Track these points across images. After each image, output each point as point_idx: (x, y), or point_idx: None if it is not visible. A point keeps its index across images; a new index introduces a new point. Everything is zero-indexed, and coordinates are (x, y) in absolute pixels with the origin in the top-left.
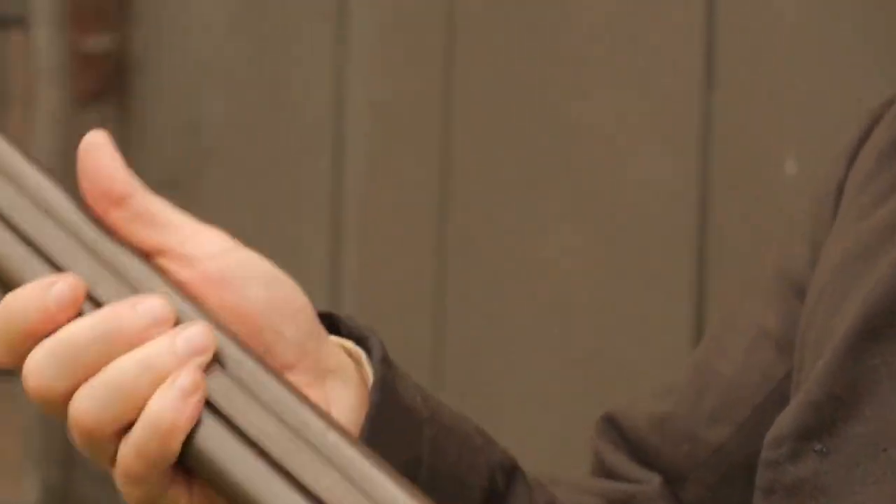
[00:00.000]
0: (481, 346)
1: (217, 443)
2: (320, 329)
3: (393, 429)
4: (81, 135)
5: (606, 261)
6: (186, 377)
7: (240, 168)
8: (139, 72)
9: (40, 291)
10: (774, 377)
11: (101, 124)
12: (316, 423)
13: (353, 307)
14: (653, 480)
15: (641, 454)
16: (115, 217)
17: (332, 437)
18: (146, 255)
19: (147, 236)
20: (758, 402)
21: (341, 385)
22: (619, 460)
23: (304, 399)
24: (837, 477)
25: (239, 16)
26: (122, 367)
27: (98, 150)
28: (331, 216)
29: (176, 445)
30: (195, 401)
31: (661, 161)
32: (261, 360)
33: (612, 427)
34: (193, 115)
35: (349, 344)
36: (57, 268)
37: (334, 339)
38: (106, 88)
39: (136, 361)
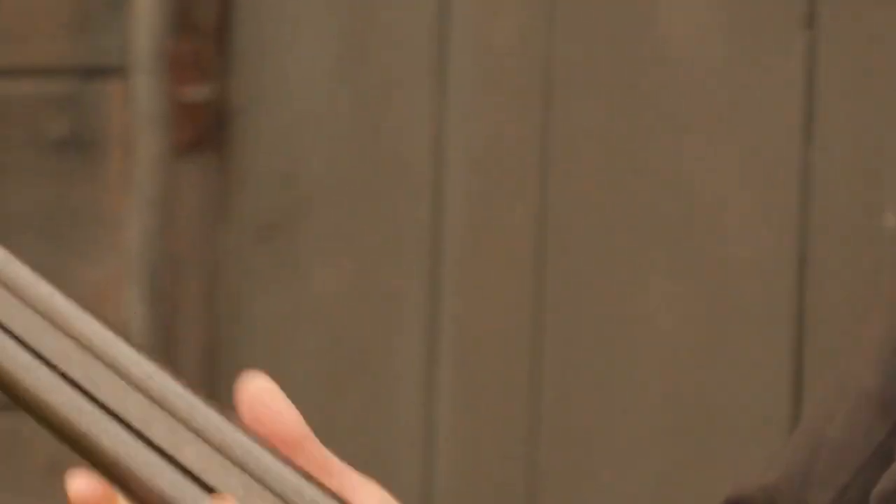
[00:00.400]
0: (579, 399)
1: None
2: None
3: None
4: (180, 183)
5: (706, 315)
6: None
7: (338, 216)
8: (238, 120)
9: None
10: (875, 440)
11: (200, 173)
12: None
13: (450, 357)
14: None
15: None
16: (301, 458)
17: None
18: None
19: (326, 482)
20: (859, 464)
21: None
22: None
23: None
24: None
25: (339, 65)
26: None
27: (269, 393)
28: (429, 266)
29: None
30: None
31: (761, 216)
32: None
33: None
34: (292, 165)
35: None
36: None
37: None
38: (205, 137)
39: None
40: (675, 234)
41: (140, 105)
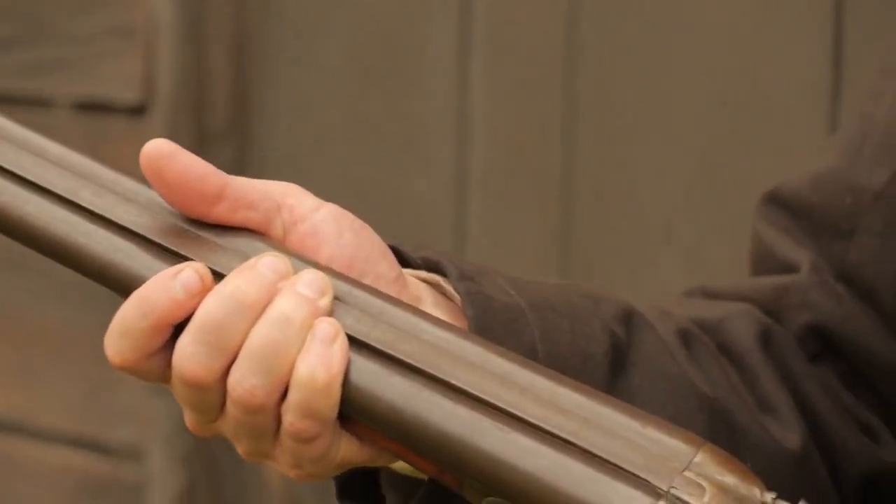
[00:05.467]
0: (616, 80)
1: (370, 374)
2: (399, 266)
3: (498, 332)
4: None
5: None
6: (323, 325)
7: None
8: None
9: (167, 282)
10: None
11: None
12: (437, 331)
13: (484, 43)
14: (803, 266)
15: (804, 219)
16: (219, 212)
17: (457, 340)
18: (250, 232)
19: (248, 217)
20: None
21: (433, 310)
22: (775, 238)
23: (420, 312)
24: None
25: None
26: (265, 333)
27: (174, 157)
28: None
29: (336, 393)
30: (340, 346)
31: None
32: (370, 288)
33: (772, 201)
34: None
35: (423, 273)
36: (171, 257)
37: (406, 271)
38: None
39: (275, 321)
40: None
41: None
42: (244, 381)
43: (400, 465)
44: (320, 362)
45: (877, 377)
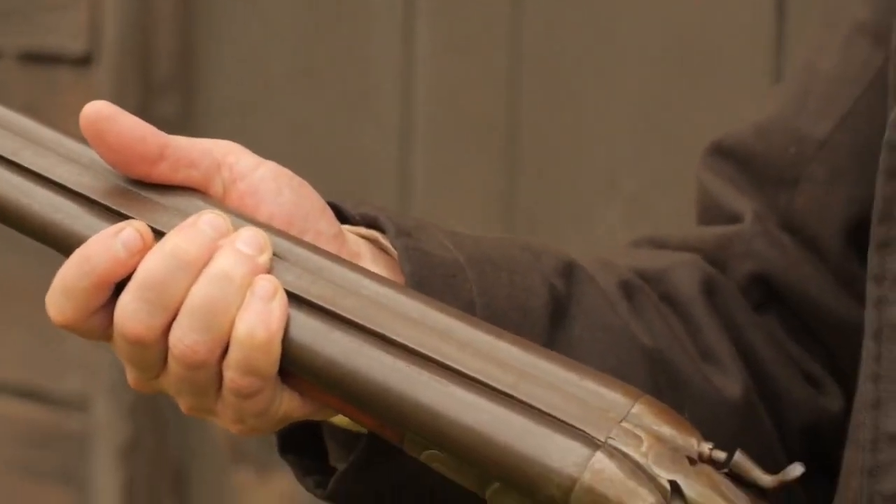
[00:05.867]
0: (562, 25)
1: (310, 330)
2: (338, 222)
3: (436, 287)
4: None
5: None
6: (262, 282)
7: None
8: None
9: (108, 240)
10: (873, 66)
11: None
12: (376, 286)
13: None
14: (746, 215)
15: (749, 169)
16: (160, 171)
17: (396, 296)
18: (191, 191)
19: (188, 176)
20: (858, 93)
21: (372, 266)
22: (720, 188)
23: (359, 268)
24: None
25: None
26: (205, 290)
27: (114, 119)
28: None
29: (276, 350)
30: (279, 302)
31: None
32: (310, 244)
33: (716, 151)
34: None
35: (362, 230)
36: (113, 217)
37: (346, 227)
38: None
39: (214, 278)
40: None
41: None
42: (185, 338)
43: (340, 420)
44: (259, 319)
45: (820, 326)
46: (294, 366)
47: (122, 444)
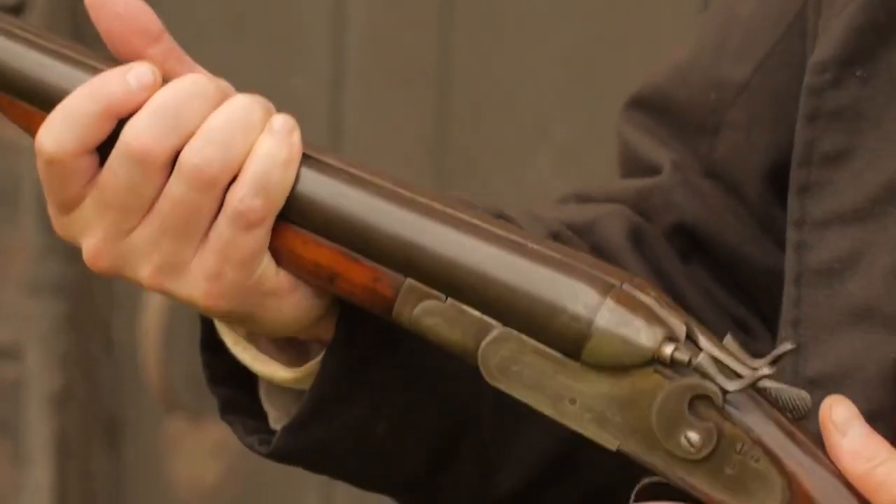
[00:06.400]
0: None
1: (321, 183)
2: None
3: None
4: None
5: None
6: (280, 118)
7: None
8: None
9: (122, 72)
10: (791, 10)
11: None
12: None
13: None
14: (665, 166)
15: (669, 118)
16: (152, 53)
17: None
18: None
19: (173, 70)
20: (777, 36)
21: None
22: (639, 140)
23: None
24: (877, 103)
25: None
26: (227, 115)
27: None
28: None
29: (292, 172)
30: (297, 138)
31: None
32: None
33: (635, 104)
34: None
35: None
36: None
37: None
38: None
39: (237, 107)
40: None
41: None
42: (200, 152)
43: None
44: (282, 141)
45: (743, 273)
46: (300, 213)
47: (54, 393)
